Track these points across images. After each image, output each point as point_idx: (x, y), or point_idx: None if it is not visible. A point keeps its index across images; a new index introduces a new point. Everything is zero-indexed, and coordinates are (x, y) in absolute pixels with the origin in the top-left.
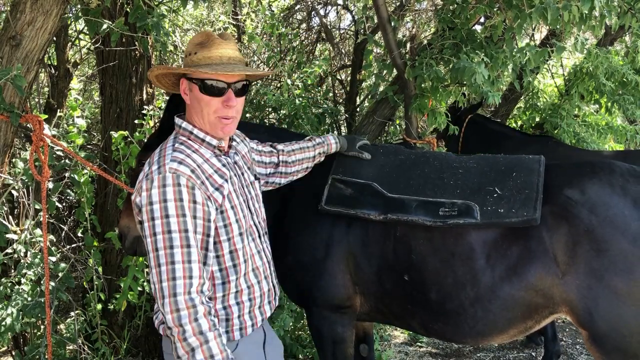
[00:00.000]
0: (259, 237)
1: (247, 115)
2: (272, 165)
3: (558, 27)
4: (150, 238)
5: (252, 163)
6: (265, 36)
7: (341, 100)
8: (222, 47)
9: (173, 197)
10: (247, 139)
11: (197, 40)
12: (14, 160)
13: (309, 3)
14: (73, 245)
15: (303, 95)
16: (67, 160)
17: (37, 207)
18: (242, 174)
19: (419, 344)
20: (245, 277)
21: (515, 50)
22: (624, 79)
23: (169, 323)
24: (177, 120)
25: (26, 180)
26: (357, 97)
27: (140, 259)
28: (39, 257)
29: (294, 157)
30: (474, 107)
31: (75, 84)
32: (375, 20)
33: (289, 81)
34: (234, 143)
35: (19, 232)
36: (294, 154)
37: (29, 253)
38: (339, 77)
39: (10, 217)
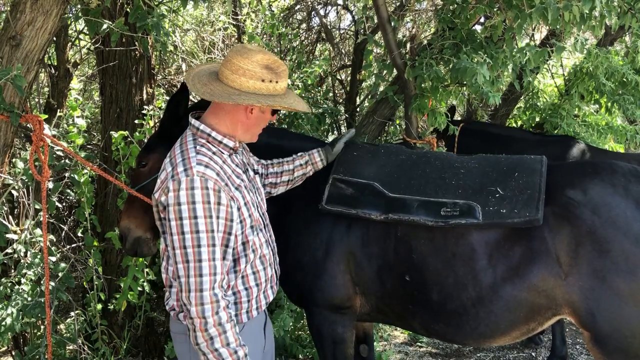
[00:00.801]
0: (264, 227)
1: None
2: (261, 170)
3: (558, 27)
4: (178, 236)
5: (250, 159)
6: (265, 36)
7: (341, 100)
8: (286, 76)
9: (201, 199)
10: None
11: (264, 62)
12: (14, 160)
13: (309, 3)
14: (73, 245)
15: (303, 95)
16: (67, 160)
17: (37, 207)
18: (247, 170)
19: (419, 344)
20: (252, 264)
21: (515, 50)
22: (624, 79)
23: (192, 314)
24: (194, 122)
25: (26, 180)
26: (357, 97)
27: (140, 259)
28: (39, 257)
29: (281, 169)
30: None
31: (75, 84)
32: (375, 20)
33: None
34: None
35: (19, 232)
36: (277, 166)
37: (29, 253)
38: (339, 77)
39: (10, 217)
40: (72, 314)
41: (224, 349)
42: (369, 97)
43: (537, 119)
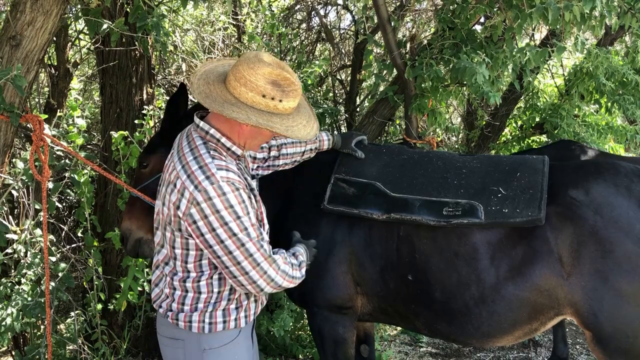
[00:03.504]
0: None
1: None
2: (261, 160)
3: (558, 27)
4: (230, 239)
5: (247, 161)
6: (265, 36)
7: (341, 100)
8: (299, 98)
9: (236, 201)
10: None
11: (272, 77)
12: (14, 160)
13: (309, 3)
14: (73, 245)
15: (303, 95)
16: (67, 160)
17: (37, 207)
18: (247, 175)
19: (419, 344)
20: None
21: (515, 50)
22: (624, 79)
23: (263, 287)
24: (202, 124)
25: (26, 180)
26: (357, 97)
27: (140, 259)
28: (39, 257)
29: (284, 151)
30: None
31: (75, 84)
32: (375, 20)
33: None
34: None
35: (19, 232)
36: (285, 147)
37: (29, 253)
38: (339, 77)
39: (10, 217)
40: (72, 314)
41: (304, 262)
42: (369, 97)
43: (537, 119)
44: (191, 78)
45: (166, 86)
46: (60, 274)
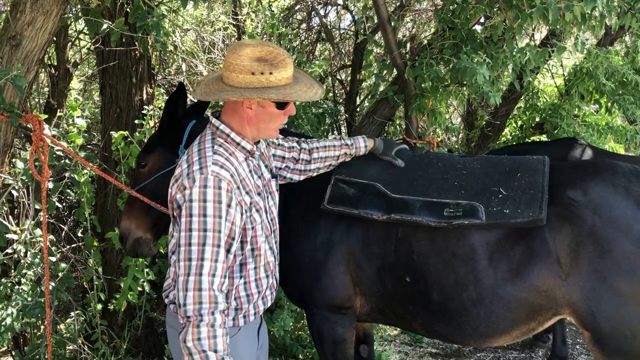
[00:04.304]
0: (271, 233)
1: None
2: (291, 160)
3: (558, 27)
4: (185, 233)
5: (270, 158)
6: (265, 36)
7: (341, 100)
8: (290, 64)
9: (212, 198)
10: (272, 140)
11: (255, 55)
12: (14, 160)
13: (309, 3)
14: (73, 245)
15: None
16: (67, 160)
17: (37, 207)
18: (262, 174)
19: (419, 344)
20: (256, 270)
21: (515, 50)
22: (624, 79)
23: (188, 312)
24: (214, 121)
25: (26, 180)
26: (357, 97)
27: (140, 259)
28: (39, 257)
29: (316, 155)
30: None
31: (75, 84)
32: (375, 20)
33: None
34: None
35: (19, 232)
36: (317, 151)
37: (29, 253)
38: (339, 77)
39: (10, 217)
40: (72, 314)
41: (212, 353)
42: (369, 97)
43: (537, 119)
44: (195, 89)
45: (166, 86)
46: (60, 274)
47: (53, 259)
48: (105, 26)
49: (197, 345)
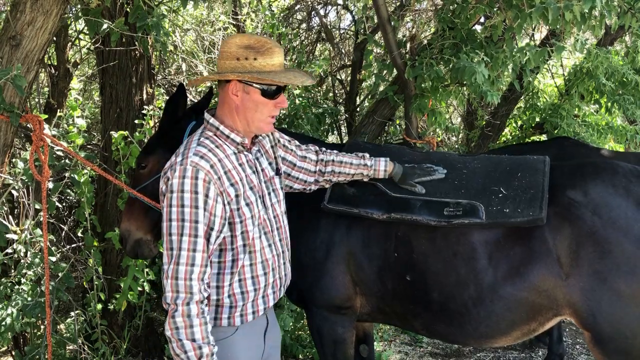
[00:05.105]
0: (272, 230)
1: None
2: (312, 162)
3: (558, 27)
4: (166, 223)
5: (276, 158)
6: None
7: (341, 100)
8: (278, 54)
9: (190, 188)
10: (275, 133)
11: (244, 42)
12: (14, 160)
13: (309, 3)
14: (73, 245)
15: (303, 95)
16: (67, 160)
17: (37, 207)
18: (263, 169)
19: (419, 344)
20: (252, 267)
21: (515, 50)
22: (624, 79)
23: (167, 299)
24: (206, 116)
25: (26, 180)
26: (357, 97)
27: (140, 260)
28: (39, 257)
29: (330, 169)
30: None
31: (75, 84)
32: (375, 20)
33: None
34: (259, 138)
35: (19, 232)
36: (331, 164)
37: (29, 253)
38: (339, 77)
39: (10, 217)
40: (72, 314)
41: (188, 342)
42: (369, 97)
43: (537, 119)
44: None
45: (166, 86)
46: (60, 274)
47: (53, 259)
48: (105, 26)
49: (175, 334)
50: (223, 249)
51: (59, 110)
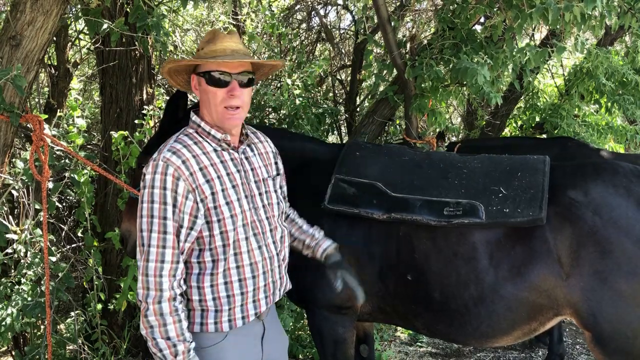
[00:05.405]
0: (263, 232)
1: (247, 115)
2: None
3: (558, 27)
4: (138, 219)
5: (276, 164)
6: (265, 36)
7: (341, 100)
8: (226, 40)
9: (159, 185)
10: (279, 155)
11: (206, 38)
12: (14, 160)
13: (309, 3)
14: (73, 245)
15: (303, 95)
16: (67, 160)
17: (37, 207)
18: (252, 169)
19: (419, 344)
20: (239, 270)
21: (515, 50)
22: (624, 79)
23: (139, 296)
24: (192, 115)
25: (26, 180)
26: (357, 97)
27: None
28: (39, 257)
29: (289, 227)
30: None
31: (75, 84)
32: (375, 20)
33: (289, 81)
34: (254, 140)
35: (19, 232)
36: (292, 224)
37: (29, 253)
38: (339, 77)
39: (10, 217)
40: (72, 314)
41: (162, 340)
42: (369, 97)
43: (537, 119)
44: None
45: (166, 86)
46: (60, 274)
47: (53, 259)
48: (105, 26)
49: (150, 333)
50: (202, 248)
51: (59, 110)
